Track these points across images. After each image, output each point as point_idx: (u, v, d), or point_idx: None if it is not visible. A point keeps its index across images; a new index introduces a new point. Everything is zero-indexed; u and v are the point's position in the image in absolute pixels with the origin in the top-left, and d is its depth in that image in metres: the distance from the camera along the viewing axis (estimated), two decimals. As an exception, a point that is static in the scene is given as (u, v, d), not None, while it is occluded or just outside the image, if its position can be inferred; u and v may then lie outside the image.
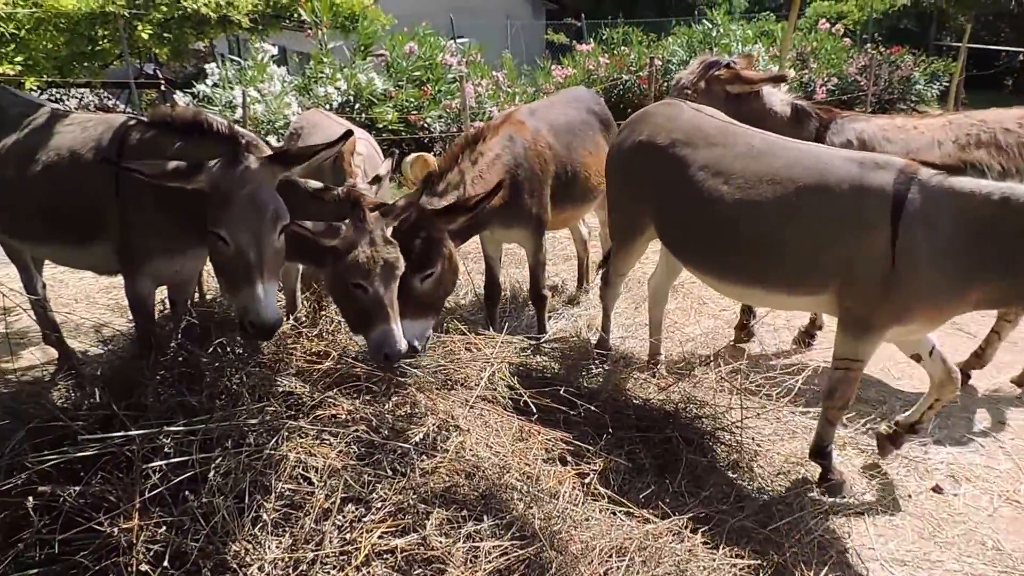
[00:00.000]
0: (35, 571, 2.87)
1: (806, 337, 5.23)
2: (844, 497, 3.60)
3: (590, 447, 3.47)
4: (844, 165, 3.35)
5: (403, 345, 3.50)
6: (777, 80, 4.94)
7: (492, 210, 4.15)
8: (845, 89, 15.36)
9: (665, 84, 13.65)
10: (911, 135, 4.58)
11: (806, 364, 4.25)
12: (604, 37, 16.66)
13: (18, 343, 5.37)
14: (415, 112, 11.96)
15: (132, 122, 3.79)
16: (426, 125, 12.03)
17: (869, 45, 17.69)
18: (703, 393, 3.91)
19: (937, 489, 3.73)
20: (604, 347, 4.77)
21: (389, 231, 3.70)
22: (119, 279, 4.16)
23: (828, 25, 17.25)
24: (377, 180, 3.92)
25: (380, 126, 11.10)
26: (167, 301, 4.41)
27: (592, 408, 3.67)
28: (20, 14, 10.79)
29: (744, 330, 5.22)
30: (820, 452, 3.63)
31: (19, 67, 11.00)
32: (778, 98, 4.82)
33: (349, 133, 3.55)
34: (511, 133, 4.55)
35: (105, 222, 3.75)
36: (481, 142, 4.39)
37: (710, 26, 15.26)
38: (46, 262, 5.07)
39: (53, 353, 5.04)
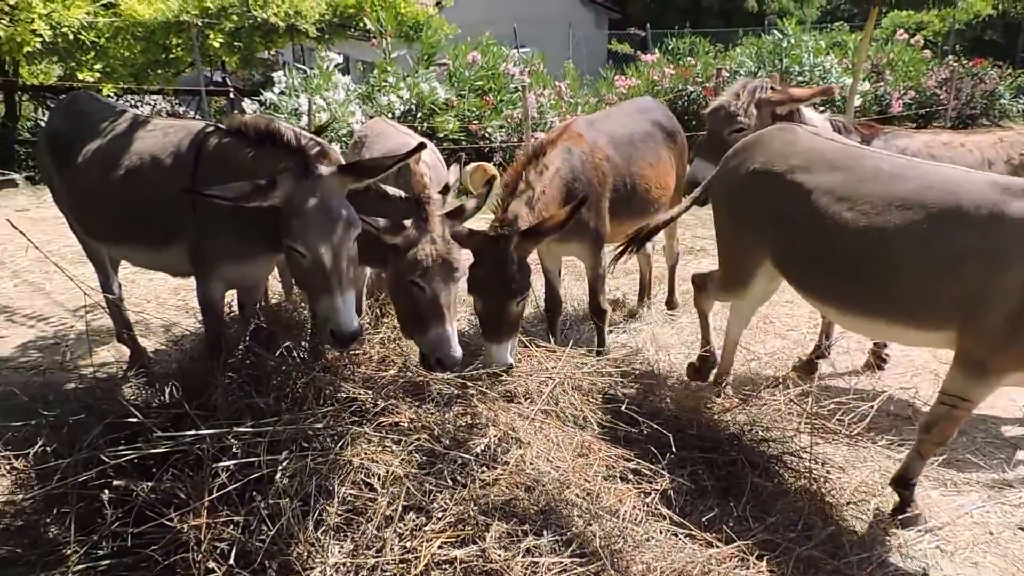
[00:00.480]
0: (106, 562, 2.94)
1: (878, 360, 5.05)
2: (920, 531, 3.44)
3: (652, 466, 3.41)
4: (983, 190, 3.06)
5: (457, 351, 3.49)
6: (825, 93, 4.78)
7: None
8: (923, 103, 14.92)
9: None
10: (958, 152, 4.34)
11: (879, 390, 4.10)
12: (670, 47, 16.45)
13: (93, 340, 5.54)
14: (476, 122, 12.04)
15: (210, 129, 3.89)
16: (487, 135, 12.09)
17: (950, 57, 17.10)
18: (770, 416, 3.80)
19: (1023, 528, 3.54)
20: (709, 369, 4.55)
21: (449, 233, 3.69)
22: (188, 281, 4.28)
23: (906, 36, 16.78)
24: (447, 190, 3.94)
25: (441, 135, 11.20)
26: (235, 304, 4.52)
27: (654, 426, 3.61)
28: (101, 23, 11.24)
29: (815, 355, 5.06)
30: (903, 482, 3.45)
31: (98, 74, 11.47)
32: (817, 118, 4.59)
33: (422, 146, 3.57)
34: (569, 145, 4.51)
35: (180, 226, 3.84)
36: (542, 155, 4.37)
37: (780, 36, 14.89)
38: (122, 262, 5.24)
39: (125, 351, 5.18)
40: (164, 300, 6.51)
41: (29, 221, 9.36)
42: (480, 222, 4.17)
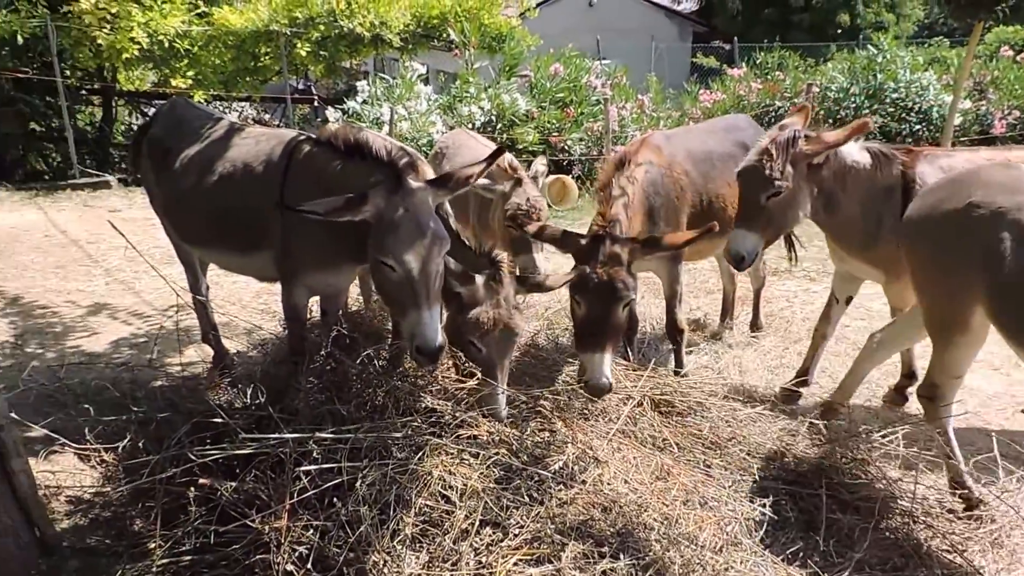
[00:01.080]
0: (189, 558, 3.00)
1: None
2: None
3: (733, 493, 3.31)
4: None
5: (503, 411, 3.46)
6: (861, 130, 4.03)
7: None
8: (1028, 123, 14.04)
9: (821, 112, 13.12)
10: None
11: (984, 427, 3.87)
12: (758, 61, 16.04)
13: (176, 338, 5.70)
14: (556, 134, 12.00)
15: (301, 139, 3.95)
16: (566, 147, 12.04)
17: (1060, 76, 16.14)
18: (862, 452, 3.63)
19: None
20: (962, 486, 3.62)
21: (518, 298, 3.72)
22: (269, 285, 4.35)
23: (1011, 52, 15.88)
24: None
25: (520, 147, 11.20)
26: (318, 310, 4.59)
27: (736, 452, 3.50)
28: (195, 31, 11.69)
29: (901, 394, 4.79)
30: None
31: (189, 81, 11.92)
32: (854, 148, 4.19)
33: (501, 150, 3.58)
34: (649, 158, 4.45)
35: (268, 233, 3.90)
36: (628, 165, 4.32)
37: (874, 51, 14.17)
38: (210, 265, 5.40)
39: (209, 351, 5.32)
40: (247, 303, 6.67)
41: (121, 221, 9.71)
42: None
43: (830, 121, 13.19)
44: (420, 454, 3.08)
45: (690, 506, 3.18)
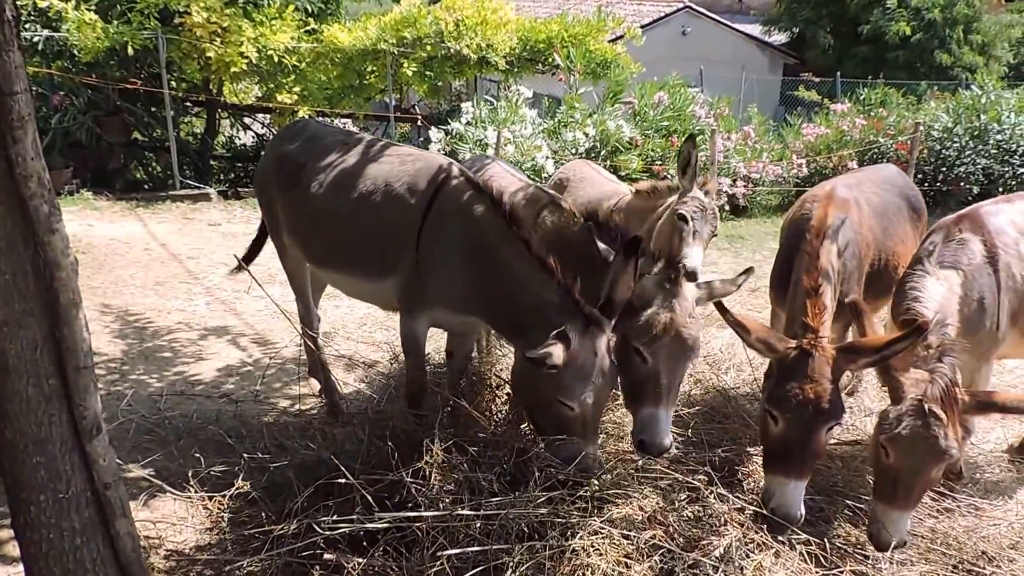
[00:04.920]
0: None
1: None
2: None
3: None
4: None
5: (666, 438, 3.16)
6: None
7: None
8: None
9: (925, 151, 12.73)
10: None
11: None
12: (861, 97, 15.37)
13: (285, 370, 5.36)
14: (660, 163, 11.52)
15: (454, 171, 3.65)
16: (669, 177, 11.52)
17: None
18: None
19: None
20: None
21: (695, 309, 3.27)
22: (375, 313, 3.98)
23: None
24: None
25: (623, 174, 10.74)
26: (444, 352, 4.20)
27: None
28: (303, 48, 11.61)
29: None
30: None
31: (295, 96, 11.83)
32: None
33: (637, 240, 3.21)
34: (841, 214, 3.82)
35: (400, 259, 3.63)
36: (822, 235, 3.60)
37: (979, 92, 13.65)
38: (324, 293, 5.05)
39: (316, 385, 4.94)
40: (350, 332, 6.29)
41: (220, 236, 9.63)
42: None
43: (933, 160, 12.67)
44: (576, 536, 2.76)
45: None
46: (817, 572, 2.84)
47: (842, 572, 2.85)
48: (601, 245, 3.47)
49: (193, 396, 4.91)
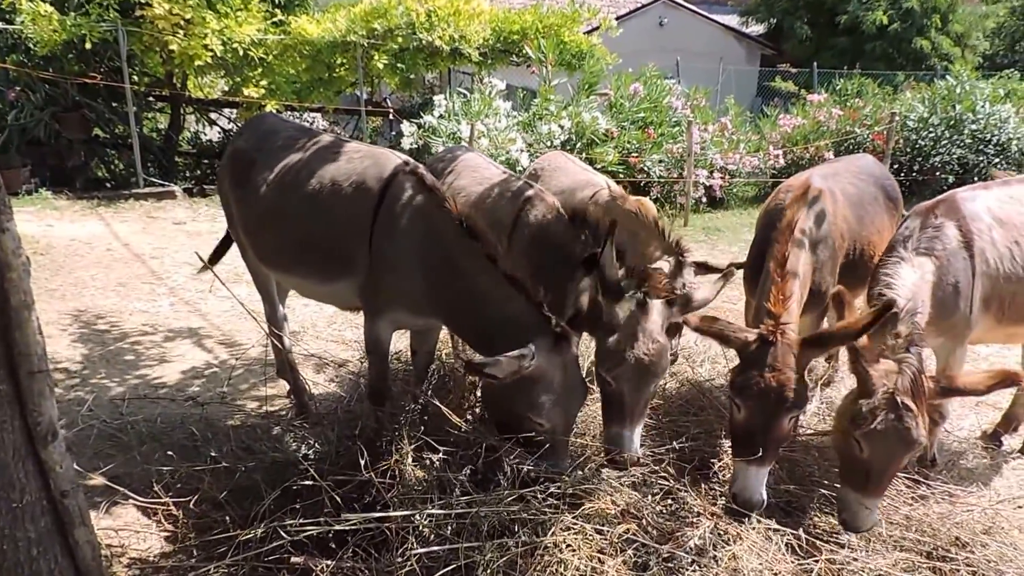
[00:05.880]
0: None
1: None
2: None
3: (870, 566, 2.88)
4: None
5: (632, 455, 3.14)
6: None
7: None
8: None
9: (900, 140, 12.91)
10: None
11: None
12: (838, 88, 15.48)
13: (252, 370, 5.23)
14: (636, 154, 11.49)
15: (406, 170, 3.52)
16: (645, 168, 11.51)
17: None
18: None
19: None
20: None
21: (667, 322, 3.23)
22: (343, 312, 3.92)
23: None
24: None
25: (599, 166, 10.69)
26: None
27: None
28: (270, 40, 11.39)
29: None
30: None
31: (262, 90, 11.62)
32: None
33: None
34: (817, 203, 3.81)
35: (354, 260, 3.53)
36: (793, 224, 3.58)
37: (954, 82, 13.85)
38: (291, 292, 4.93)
39: (285, 385, 4.82)
40: (319, 331, 6.17)
41: (185, 234, 9.44)
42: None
43: (909, 150, 12.84)
44: (547, 533, 2.74)
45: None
46: (793, 561, 2.83)
47: (817, 561, 2.84)
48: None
49: (157, 400, 4.76)
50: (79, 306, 6.52)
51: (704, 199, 12.11)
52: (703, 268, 3.54)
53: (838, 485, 3.13)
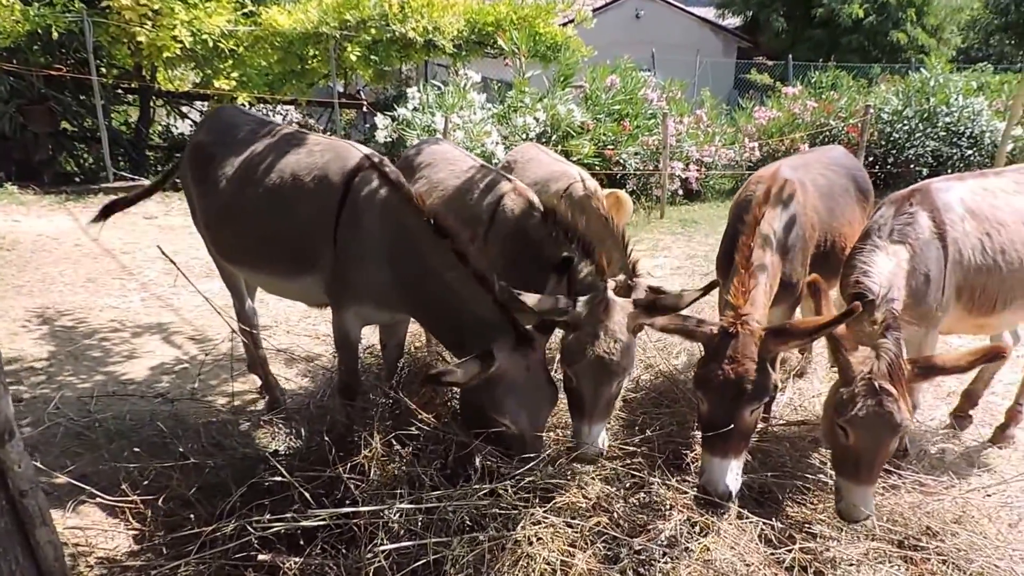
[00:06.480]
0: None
1: None
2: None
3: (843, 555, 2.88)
4: None
5: (595, 448, 3.14)
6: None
7: None
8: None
9: (875, 133, 13.02)
10: None
11: None
12: (813, 80, 15.56)
13: (222, 365, 5.16)
14: (611, 147, 11.48)
15: (367, 165, 3.46)
16: (621, 161, 11.50)
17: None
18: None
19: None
20: None
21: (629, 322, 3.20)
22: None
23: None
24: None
25: (575, 159, 10.66)
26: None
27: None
28: (241, 31, 11.23)
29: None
30: None
31: (233, 82, 11.46)
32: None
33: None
34: (788, 194, 3.83)
35: (318, 256, 3.48)
36: (760, 218, 3.56)
37: (927, 75, 13.97)
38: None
39: (257, 381, 4.76)
40: (293, 325, 6.10)
41: (157, 229, 9.30)
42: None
43: (883, 143, 12.93)
44: (517, 527, 2.73)
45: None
46: (766, 551, 2.84)
47: (791, 551, 2.84)
48: None
49: (126, 396, 4.69)
50: (46, 302, 6.40)
51: (680, 191, 12.14)
52: (655, 292, 3.48)
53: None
